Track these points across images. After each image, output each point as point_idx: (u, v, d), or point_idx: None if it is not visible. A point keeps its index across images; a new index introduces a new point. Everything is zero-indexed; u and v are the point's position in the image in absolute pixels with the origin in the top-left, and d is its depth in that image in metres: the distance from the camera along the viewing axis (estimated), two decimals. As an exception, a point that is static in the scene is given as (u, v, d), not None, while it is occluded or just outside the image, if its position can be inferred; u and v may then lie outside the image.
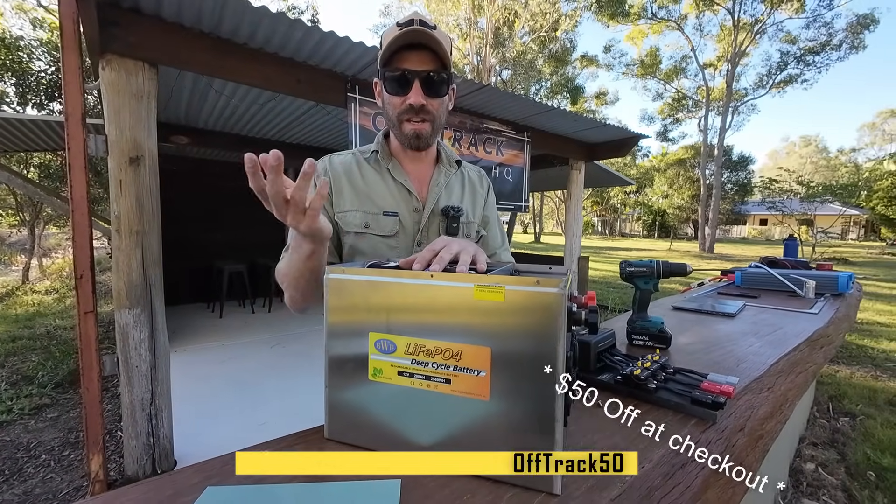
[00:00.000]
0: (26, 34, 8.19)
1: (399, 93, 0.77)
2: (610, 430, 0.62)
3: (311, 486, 0.49)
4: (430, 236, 0.86)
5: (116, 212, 1.81)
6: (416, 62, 0.75)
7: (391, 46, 0.74)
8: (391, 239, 0.84)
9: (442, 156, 0.92)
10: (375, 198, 0.84)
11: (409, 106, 0.77)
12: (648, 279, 1.06)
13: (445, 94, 0.80)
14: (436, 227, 0.86)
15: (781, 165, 16.36)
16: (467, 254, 0.57)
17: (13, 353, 3.82)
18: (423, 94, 0.76)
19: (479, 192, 0.97)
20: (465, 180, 0.95)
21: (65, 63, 1.62)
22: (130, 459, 1.92)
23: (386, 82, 0.78)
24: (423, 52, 0.75)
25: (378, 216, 0.83)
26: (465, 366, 0.50)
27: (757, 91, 21.50)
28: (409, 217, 0.85)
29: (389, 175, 0.86)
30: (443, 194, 0.88)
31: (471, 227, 0.91)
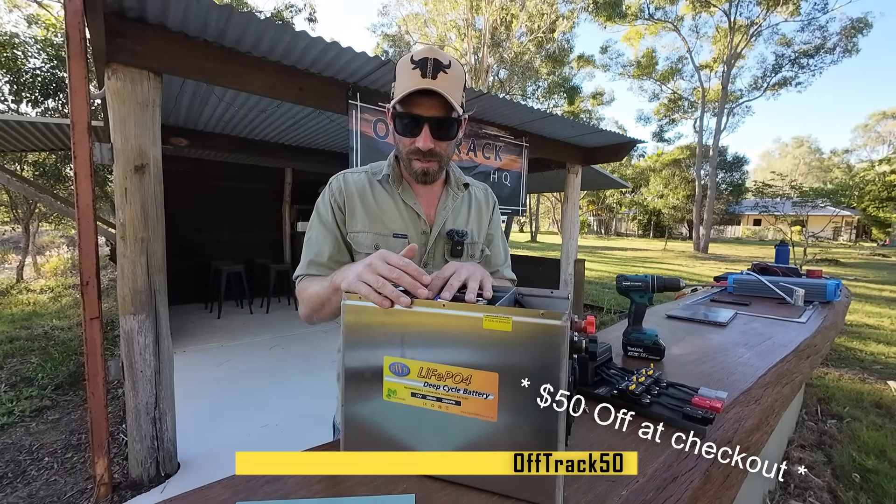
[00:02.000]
0: (21, 31, 8.10)
1: (408, 134, 0.80)
2: (607, 444, 0.67)
3: (332, 500, 0.53)
4: (435, 258, 0.89)
5: (122, 219, 1.84)
6: (427, 108, 0.77)
7: (404, 91, 0.74)
8: None
9: (451, 178, 0.94)
10: (386, 220, 0.87)
11: (416, 149, 0.80)
12: (643, 293, 1.11)
13: (455, 135, 0.82)
14: (441, 250, 0.89)
15: (774, 166, 16.52)
16: (475, 280, 0.61)
17: (11, 354, 3.82)
18: (431, 139, 0.79)
19: (485, 211, 0.99)
20: (471, 201, 0.97)
21: (71, 72, 1.64)
22: (135, 462, 1.95)
23: (396, 124, 0.80)
24: (434, 98, 0.76)
25: (388, 238, 0.86)
26: (474, 389, 0.54)
27: (752, 93, 21.70)
28: (417, 239, 0.88)
29: (400, 198, 0.89)
30: (449, 217, 0.91)
31: (475, 248, 0.94)
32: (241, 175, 5.99)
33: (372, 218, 0.87)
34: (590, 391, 0.83)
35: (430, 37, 18.26)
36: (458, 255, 0.88)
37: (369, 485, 0.56)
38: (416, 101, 0.76)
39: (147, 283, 1.89)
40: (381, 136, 2.82)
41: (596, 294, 7.45)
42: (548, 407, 0.50)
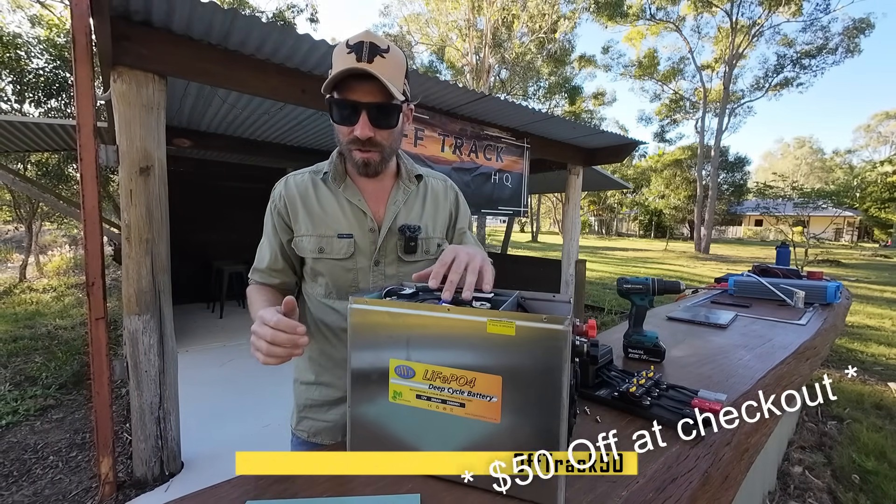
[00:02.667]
0: (24, 32, 8.13)
1: (346, 122, 0.75)
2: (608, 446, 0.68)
3: (339, 500, 0.54)
4: (387, 255, 0.85)
5: (127, 220, 1.85)
6: (364, 93, 0.72)
7: (338, 75, 0.70)
8: (346, 261, 0.84)
9: (402, 171, 0.89)
10: (330, 221, 0.84)
11: (355, 138, 0.75)
12: (644, 296, 1.12)
13: (396, 123, 0.78)
14: (393, 246, 0.85)
15: (776, 166, 16.50)
16: (473, 272, 0.61)
17: (15, 353, 3.84)
18: (370, 126, 0.74)
19: (443, 204, 0.93)
20: (426, 194, 0.92)
21: (77, 75, 1.66)
22: (139, 461, 1.97)
23: (333, 113, 0.75)
24: (372, 82, 0.70)
25: (332, 239, 0.83)
26: (478, 391, 0.55)
27: (753, 93, 21.67)
28: (365, 238, 0.84)
29: (343, 196, 0.84)
30: (401, 212, 0.86)
31: (430, 244, 0.89)
32: (243, 175, 6.02)
33: (315, 220, 0.84)
34: (591, 393, 0.85)
35: (431, 37, 18.28)
36: (411, 251, 0.85)
37: (375, 485, 0.57)
38: (352, 87, 0.72)
39: (151, 283, 1.91)
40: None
41: (597, 295, 7.46)
42: (550, 409, 0.52)
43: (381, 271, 0.85)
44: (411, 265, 0.87)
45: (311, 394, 0.92)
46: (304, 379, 0.94)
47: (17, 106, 7.50)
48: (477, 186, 3.57)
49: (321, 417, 0.90)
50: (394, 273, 0.86)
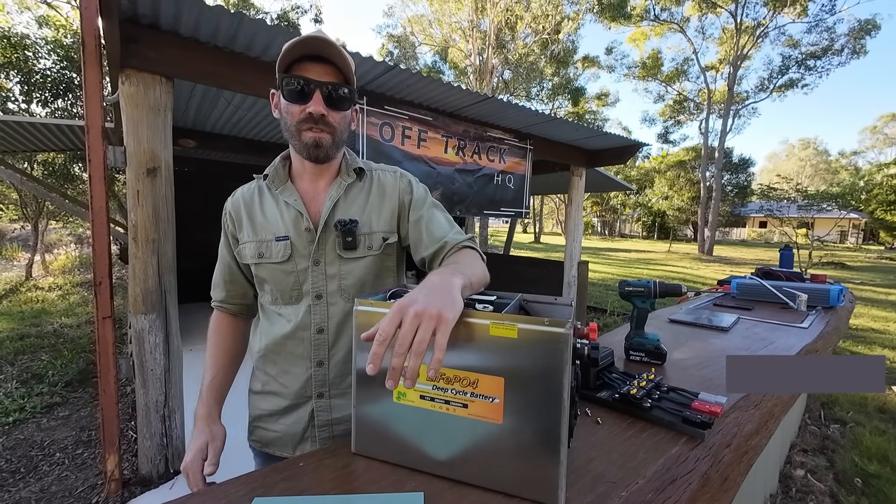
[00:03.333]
0: (32, 32, 8.21)
1: (299, 101, 0.75)
2: (608, 447, 0.69)
3: (344, 497, 0.55)
4: (326, 254, 0.83)
5: (133, 220, 1.88)
6: (319, 73, 0.75)
7: (293, 54, 0.73)
8: (286, 264, 0.83)
9: (342, 167, 0.88)
10: (269, 225, 0.84)
11: (308, 115, 0.75)
12: (646, 298, 1.13)
13: (347, 108, 0.80)
14: (332, 243, 0.83)
15: (781, 167, 16.42)
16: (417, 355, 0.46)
17: (22, 350, 3.88)
18: (323, 105, 0.75)
19: (391, 195, 0.88)
20: (371, 187, 0.88)
21: (86, 78, 1.69)
22: (145, 459, 1.99)
23: (285, 90, 0.75)
24: (326, 65, 0.75)
25: (270, 243, 0.83)
26: (480, 392, 0.56)
27: (758, 94, 21.58)
28: (301, 238, 0.82)
29: (281, 199, 0.85)
30: (340, 207, 0.84)
31: (373, 239, 0.85)
32: (247, 176, 6.03)
33: (256, 227, 0.85)
34: (592, 395, 0.86)
35: (434, 38, 18.30)
36: (351, 247, 0.82)
37: (379, 483, 0.58)
38: (307, 67, 0.74)
39: (158, 283, 1.93)
40: (386, 139, 2.85)
41: (599, 296, 7.45)
42: (551, 410, 0.53)
43: (321, 271, 0.83)
44: (354, 262, 0.84)
45: (259, 403, 0.91)
46: (254, 388, 0.93)
47: (25, 106, 7.58)
48: (480, 188, 3.58)
49: (270, 427, 0.89)
50: (335, 272, 0.83)
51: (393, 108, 2.86)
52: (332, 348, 0.84)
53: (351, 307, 0.82)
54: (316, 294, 0.83)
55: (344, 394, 0.85)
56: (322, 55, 0.74)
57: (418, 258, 0.86)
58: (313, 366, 0.84)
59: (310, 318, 0.83)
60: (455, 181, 3.37)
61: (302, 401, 0.85)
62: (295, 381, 0.85)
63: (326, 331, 0.83)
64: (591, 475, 0.61)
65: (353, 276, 0.84)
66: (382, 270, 0.87)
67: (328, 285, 0.83)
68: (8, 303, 5.89)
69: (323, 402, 0.85)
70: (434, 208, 0.90)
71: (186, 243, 5.39)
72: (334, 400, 0.85)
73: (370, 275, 0.85)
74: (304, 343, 0.84)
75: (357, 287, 0.84)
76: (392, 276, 0.89)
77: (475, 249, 0.83)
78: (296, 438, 0.86)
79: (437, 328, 0.48)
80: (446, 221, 0.88)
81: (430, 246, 0.83)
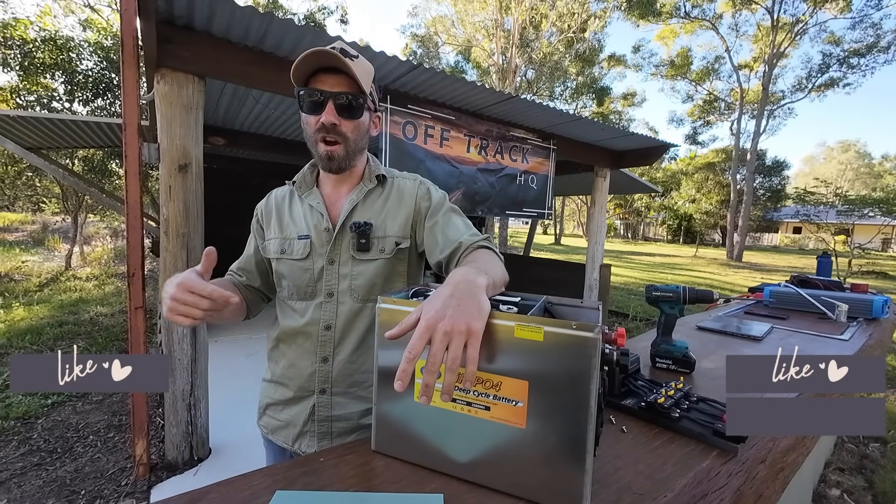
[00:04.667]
0: (76, 35, 8.64)
1: (314, 112, 0.80)
2: (634, 457, 0.66)
3: (364, 495, 0.55)
4: (341, 253, 0.87)
5: (165, 215, 1.94)
6: (331, 84, 0.78)
7: (308, 67, 0.77)
8: (304, 262, 0.87)
9: (365, 173, 0.92)
10: (294, 225, 0.90)
11: (321, 125, 0.79)
12: (674, 304, 1.09)
13: (360, 116, 0.83)
14: (347, 243, 0.87)
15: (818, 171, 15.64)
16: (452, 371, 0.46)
17: (61, 337, 4.09)
18: (335, 115, 0.79)
19: (408, 200, 0.90)
20: (390, 193, 0.91)
21: (124, 77, 1.76)
22: (171, 445, 2.06)
23: (302, 103, 0.81)
24: (339, 76, 0.79)
25: (293, 241, 0.88)
26: (504, 395, 0.55)
27: (795, 94, 20.65)
28: (320, 238, 0.87)
29: (306, 201, 0.90)
30: (358, 210, 0.88)
31: (386, 242, 0.87)
32: (272, 173, 6.21)
33: (282, 225, 0.91)
34: (616, 402, 0.83)
35: (457, 37, 18.29)
36: (364, 248, 0.85)
37: (399, 482, 0.58)
38: (320, 79, 0.78)
39: (186, 276, 1.99)
40: (409, 138, 2.86)
41: (621, 300, 7.28)
42: (577, 416, 0.51)
43: (335, 270, 0.87)
44: (366, 264, 0.86)
45: (269, 391, 0.95)
46: (265, 376, 0.98)
47: (68, 105, 7.98)
48: (502, 187, 3.55)
49: (276, 416, 0.93)
50: (348, 272, 0.87)
51: (416, 107, 2.87)
52: (338, 346, 0.87)
53: (359, 307, 0.86)
54: (328, 292, 0.87)
55: (345, 392, 0.88)
56: (333, 66, 0.78)
57: (434, 261, 0.87)
58: (318, 361, 0.87)
59: (320, 314, 0.87)
60: (477, 181, 3.36)
61: (305, 395, 0.89)
62: (300, 375, 0.88)
63: (334, 328, 0.87)
64: (616, 485, 0.59)
65: (363, 276, 0.87)
66: (393, 275, 0.89)
67: (340, 284, 0.87)
68: (49, 291, 6.22)
69: (324, 398, 0.87)
70: (451, 213, 0.90)
71: (213, 238, 5.58)
72: (336, 397, 0.87)
73: (380, 277, 0.87)
74: (311, 338, 0.87)
75: (366, 288, 0.87)
76: (402, 281, 0.91)
77: (492, 249, 0.82)
78: (295, 431, 0.89)
79: (468, 342, 0.48)
80: (463, 225, 0.88)
81: (445, 248, 0.84)
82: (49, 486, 1.99)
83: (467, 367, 0.47)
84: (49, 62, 7.42)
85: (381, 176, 0.92)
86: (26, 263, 8.17)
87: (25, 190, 9.14)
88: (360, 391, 0.88)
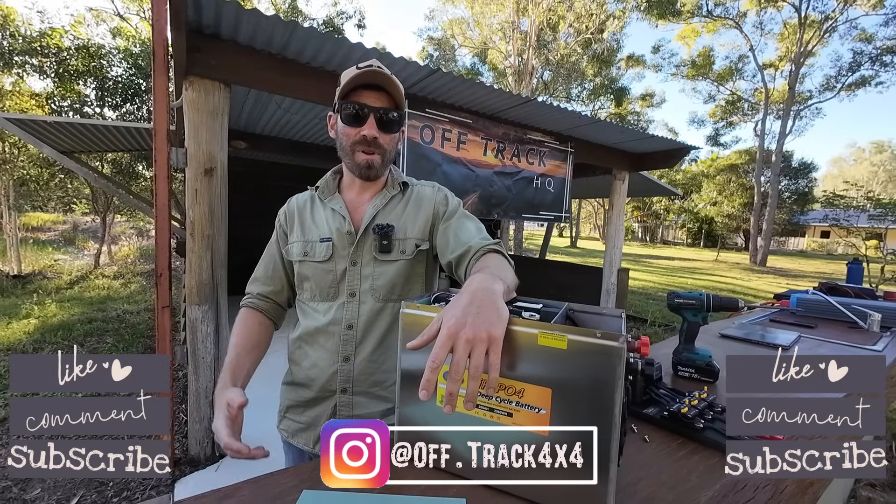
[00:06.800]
0: (107, 43, 9.00)
1: (354, 125, 0.84)
2: (657, 467, 0.66)
3: (387, 497, 0.56)
4: (363, 256, 0.90)
5: (191, 217, 2.01)
6: (374, 99, 0.84)
7: (351, 83, 0.82)
8: (327, 263, 0.90)
9: (388, 181, 0.96)
10: (316, 228, 0.93)
11: (362, 137, 0.84)
12: (697, 312, 1.07)
13: (397, 131, 0.89)
14: (369, 245, 0.90)
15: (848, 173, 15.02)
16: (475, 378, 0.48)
17: (90, 333, 4.26)
18: (376, 128, 0.84)
19: (427, 205, 0.94)
20: (409, 199, 0.95)
21: (155, 85, 1.82)
22: (194, 441, 2.12)
23: (343, 115, 0.85)
24: (379, 93, 0.84)
25: (316, 244, 0.91)
26: (526, 402, 0.56)
27: (823, 94, 19.93)
28: (342, 240, 0.90)
29: (329, 206, 0.94)
30: (380, 214, 0.91)
31: (406, 244, 0.91)
32: (293, 176, 6.32)
33: (305, 229, 0.94)
34: (638, 410, 0.82)
35: (473, 40, 18.32)
36: (386, 249, 0.89)
37: (422, 485, 0.59)
38: (362, 94, 0.84)
39: (211, 276, 2.06)
40: (426, 141, 2.88)
41: (639, 305, 7.15)
42: (601, 425, 0.51)
43: (357, 271, 0.90)
44: (387, 265, 0.90)
45: (289, 394, 0.97)
46: (285, 379, 1.00)
47: (98, 109, 8.31)
48: (518, 191, 3.54)
49: (297, 418, 0.94)
50: (370, 273, 0.90)
51: (433, 111, 2.89)
52: (360, 345, 0.89)
53: (380, 307, 0.89)
54: (350, 292, 0.90)
55: (367, 392, 0.89)
56: (378, 84, 0.84)
57: (444, 262, 0.90)
58: (340, 360, 0.89)
59: (342, 313, 0.89)
60: (493, 184, 3.36)
61: (326, 395, 0.91)
62: (322, 375, 0.90)
63: (356, 327, 0.89)
64: (639, 496, 0.58)
65: (384, 277, 0.89)
66: (412, 275, 0.92)
67: (362, 284, 0.90)
68: (79, 288, 6.47)
69: (346, 398, 0.89)
70: (465, 218, 0.94)
71: (231, 239, 5.72)
72: (357, 397, 0.89)
73: (400, 278, 0.90)
74: (333, 338, 0.89)
75: (387, 288, 0.89)
76: (420, 282, 0.94)
77: (502, 254, 0.83)
78: (317, 432, 0.90)
79: (490, 348, 0.49)
80: (475, 229, 0.91)
81: (456, 249, 0.86)
82: (79, 477, 2.07)
83: (490, 373, 0.49)
84: (82, 69, 7.74)
85: (403, 183, 0.97)
86: (58, 262, 8.52)
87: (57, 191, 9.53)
88: (380, 391, 0.90)
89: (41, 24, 8.46)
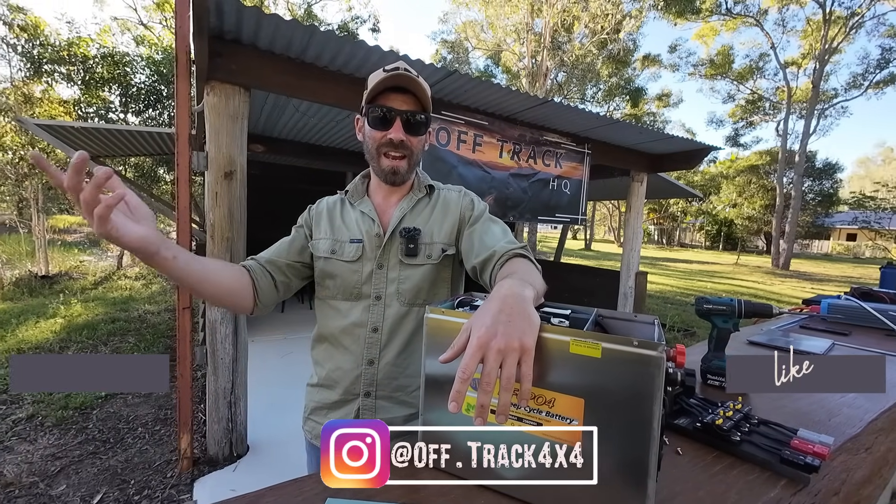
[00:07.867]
0: (130, 50, 9.28)
1: (381, 128, 0.84)
2: (693, 482, 0.63)
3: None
4: (390, 258, 0.90)
5: (211, 220, 2.04)
6: (400, 102, 0.83)
7: (378, 87, 0.82)
8: (354, 264, 0.90)
9: (415, 184, 0.96)
10: (346, 229, 0.93)
11: (389, 140, 0.83)
12: (728, 318, 1.03)
13: (423, 133, 0.88)
14: (395, 248, 0.90)
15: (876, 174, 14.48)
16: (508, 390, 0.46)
17: (113, 333, 4.37)
18: (403, 131, 0.83)
19: (454, 210, 0.94)
20: (436, 203, 0.95)
21: (178, 90, 1.86)
22: (212, 441, 2.14)
23: (370, 118, 0.85)
24: (406, 95, 0.84)
25: (344, 244, 0.91)
26: (557, 413, 0.53)
27: (849, 92, 19.29)
28: (371, 242, 0.90)
29: (358, 209, 0.94)
30: (407, 217, 0.91)
31: (433, 249, 0.90)
32: (309, 178, 6.41)
33: (334, 228, 0.94)
34: (669, 421, 0.79)
35: (487, 42, 18.32)
36: (412, 253, 0.88)
37: (447, 495, 0.57)
38: (388, 97, 0.83)
39: (230, 278, 2.08)
40: (442, 143, 2.87)
41: (657, 309, 7.00)
42: (638, 438, 0.49)
43: (383, 274, 0.89)
44: (413, 268, 0.89)
45: (314, 396, 0.97)
46: (310, 381, 0.99)
47: (122, 115, 8.58)
48: (534, 193, 3.50)
49: (321, 420, 0.94)
50: (396, 276, 0.89)
51: (449, 113, 2.88)
52: (384, 349, 0.88)
53: (405, 311, 0.89)
54: (376, 295, 0.89)
55: (390, 396, 0.89)
56: (404, 87, 0.83)
57: (469, 266, 0.89)
58: (364, 363, 0.88)
59: (367, 316, 0.89)
60: (509, 186, 3.33)
61: (350, 398, 0.90)
62: (346, 378, 0.90)
63: (381, 330, 0.88)
64: (675, 512, 0.55)
65: (410, 281, 0.89)
66: (438, 280, 0.91)
67: (388, 288, 0.89)
68: (103, 289, 6.66)
69: (369, 402, 0.88)
70: (490, 222, 0.93)
71: (250, 241, 5.82)
72: (380, 401, 0.89)
73: (426, 282, 0.90)
74: (358, 340, 0.89)
75: (413, 292, 0.89)
76: (446, 287, 0.93)
77: (528, 258, 0.80)
78: None
79: (522, 358, 0.47)
80: (501, 233, 0.90)
81: (480, 253, 0.85)
82: (102, 475, 2.11)
83: (522, 384, 0.47)
84: (107, 76, 8.00)
85: (430, 186, 0.97)
86: (83, 263, 8.79)
87: (84, 195, 9.85)
88: (403, 396, 0.89)
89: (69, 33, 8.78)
